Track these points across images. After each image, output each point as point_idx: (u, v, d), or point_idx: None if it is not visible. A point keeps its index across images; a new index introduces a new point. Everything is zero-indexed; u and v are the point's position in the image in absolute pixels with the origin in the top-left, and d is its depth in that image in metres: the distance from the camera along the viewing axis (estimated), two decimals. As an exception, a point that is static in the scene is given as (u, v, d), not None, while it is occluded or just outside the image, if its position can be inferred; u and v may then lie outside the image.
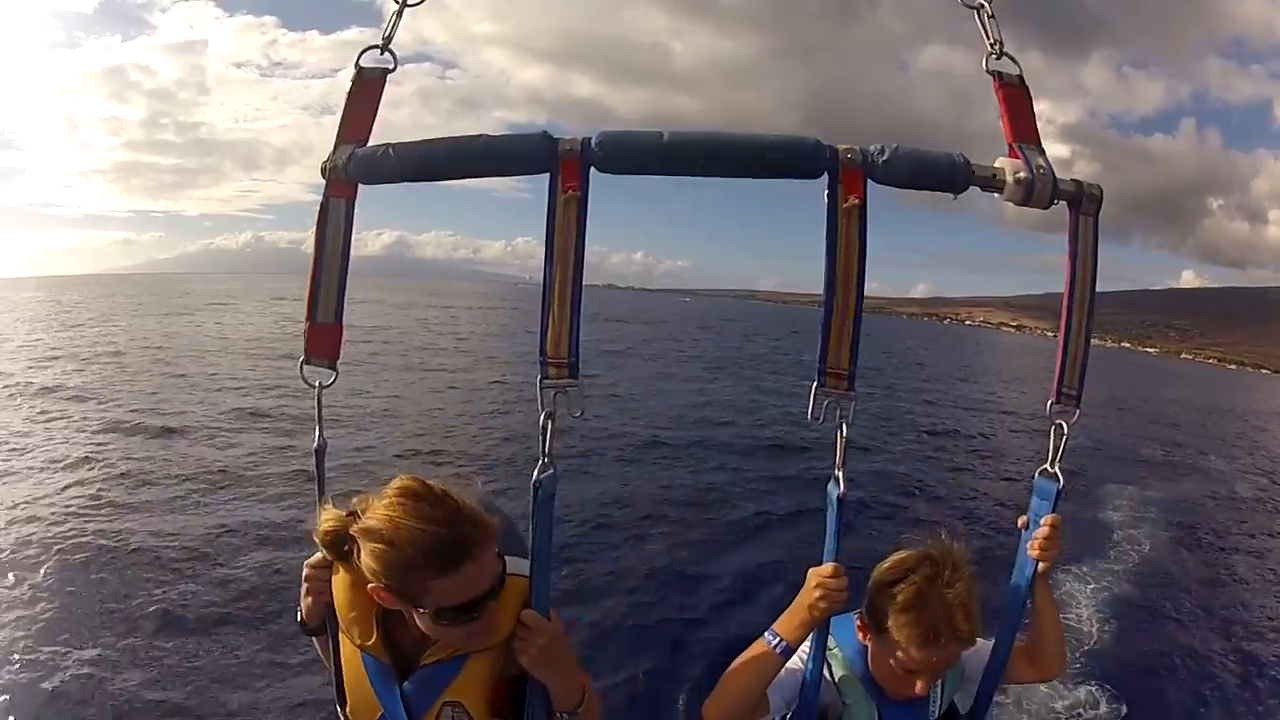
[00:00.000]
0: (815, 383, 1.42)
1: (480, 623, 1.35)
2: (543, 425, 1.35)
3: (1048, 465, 1.53)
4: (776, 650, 1.52)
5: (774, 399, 21.35)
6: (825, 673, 1.65)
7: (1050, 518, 1.55)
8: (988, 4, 1.52)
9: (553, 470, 1.35)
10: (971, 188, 1.45)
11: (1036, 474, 1.56)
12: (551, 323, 1.36)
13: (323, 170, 1.49)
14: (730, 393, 23.03)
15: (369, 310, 51.58)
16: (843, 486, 1.40)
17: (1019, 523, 1.62)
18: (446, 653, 1.41)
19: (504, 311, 69.77)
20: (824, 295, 1.40)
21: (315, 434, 1.52)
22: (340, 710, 1.50)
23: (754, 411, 19.37)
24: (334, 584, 1.45)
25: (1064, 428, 1.49)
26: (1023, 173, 1.42)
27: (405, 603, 1.32)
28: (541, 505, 1.35)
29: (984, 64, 1.51)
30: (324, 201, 1.49)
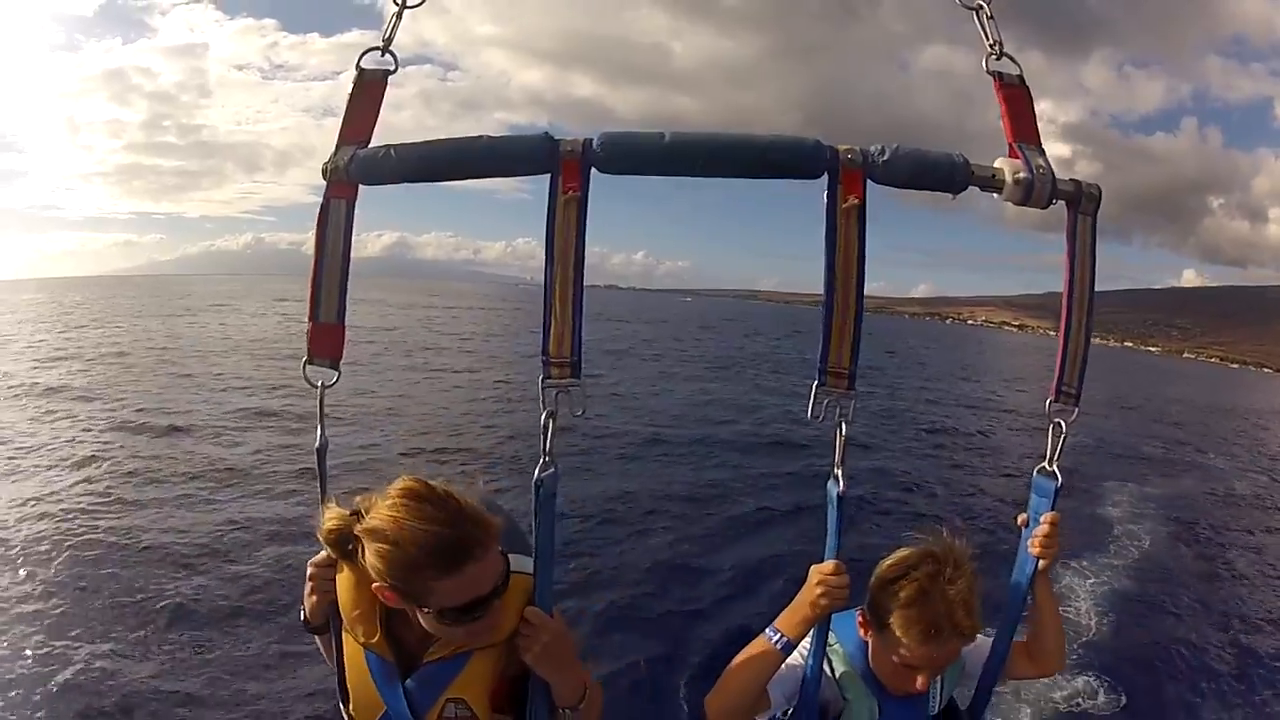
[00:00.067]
0: (816, 381, 1.43)
1: (484, 621, 1.35)
2: (544, 424, 1.35)
3: (1046, 463, 1.53)
4: (777, 646, 1.53)
5: (775, 398, 21.34)
6: (826, 669, 1.66)
7: (1049, 516, 1.55)
8: (987, 4, 1.52)
9: (554, 469, 1.35)
10: (971, 188, 1.45)
11: (1035, 472, 1.57)
12: (553, 322, 1.37)
13: (324, 171, 1.49)
14: (731, 391, 23.02)
15: (371, 311, 51.60)
16: (842, 484, 1.41)
17: (1018, 520, 1.62)
18: (449, 650, 1.42)
19: (505, 312, 69.82)
20: (824, 295, 1.40)
21: (317, 433, 1.52)
22: (343, 708, 1.50)
23: (755, 410, 19.35)
24: (338, 582, 1.45)
25: (1063, 426, 1.49)
26: (1022, 173, 1.42)
27: (409, 602, 1.32)
28: (543, 504, 1.36)
29: (984, 64, 1.51)
30: (325, 202, 1.49)
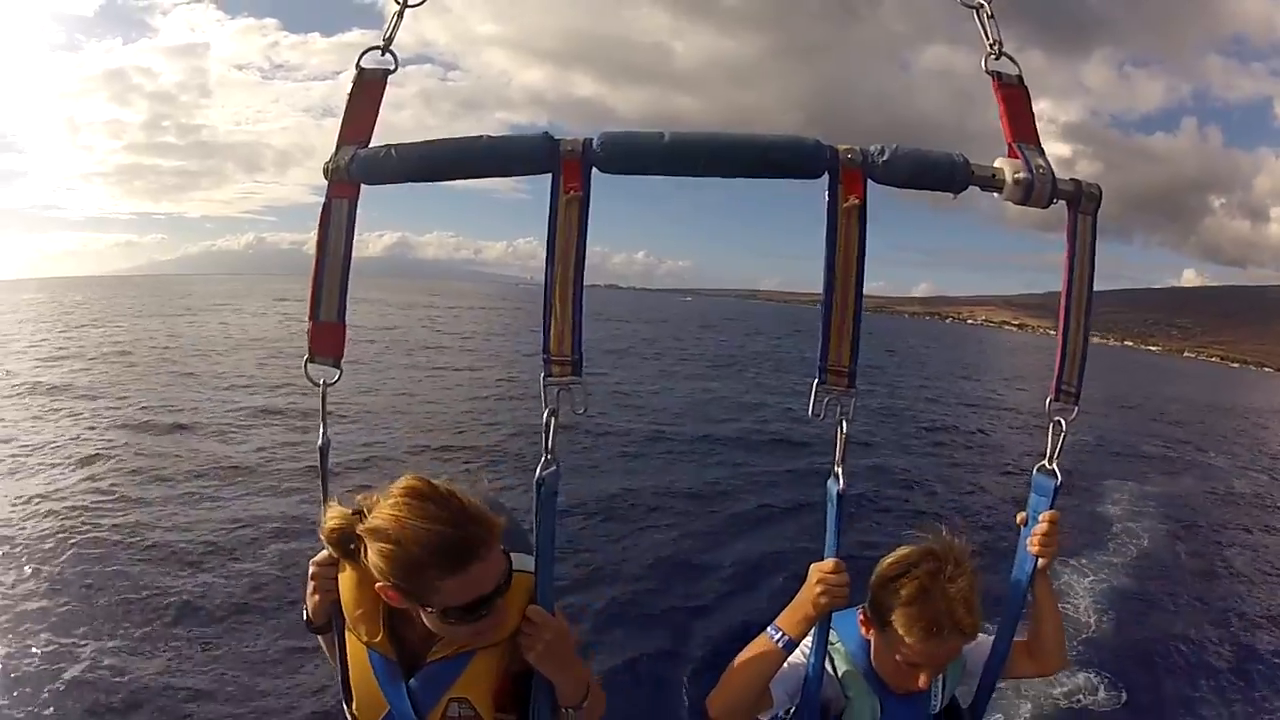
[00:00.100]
0: (816, 380, 1.43)
1: (487, 620, 1.35)
2: (546, 422, 1.35)
3: (1046, 462, 1.53)
4: (779, 645, 1.53)
5: (775, 396, 21.37)
6: (828, 667, 1.66)
7: (1049, 514, 1.56)
8: (987, 4, 1.52)
9: (555, 467, 1.35)
10: (971, 187, 1.45)
11: (1035, 470, 1.57)
12: (554, 321, 1.37)
13: (325, 171, 1.49)
14: (732, 389, 23.08)
15: (372, 310, 51.62)
16: (843, 483, 1.41)
17: (1018, 519, 1.62)
18: (452, 649, 1.42)
19: (506, 311, 69.82)
20: (824, 294, 1.40)
21: (319, 432, 1.52)
22: (346, 707, 1.50)
23: (756, 408, 19.40)
24: (340, 582, 1.45)
25: (1063, 425, 1.50)
26: (1022, 173, 1.42)
27: (413, 601, 1.32)
28: (545, 502, 1.36)
29: (983, 64, 1.51)
30: (326, 202, 1.49)
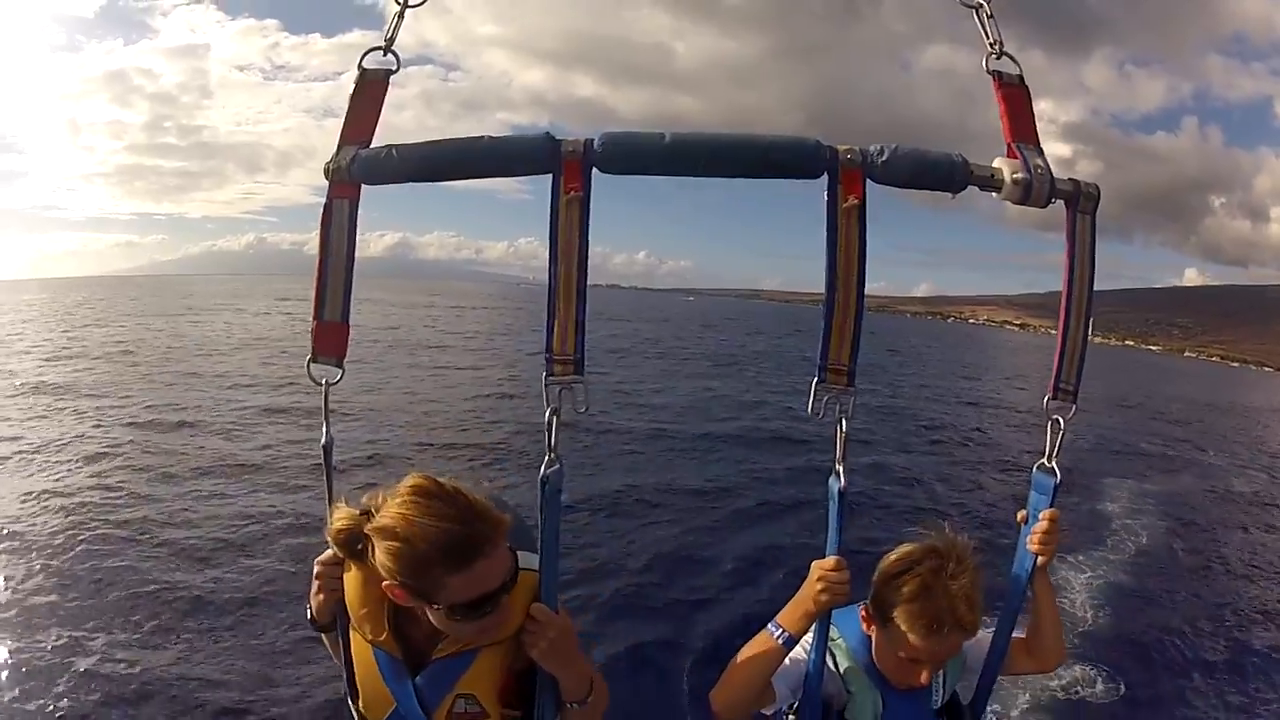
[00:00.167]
0: (816, 378, 1.43)
1: (493, 617, 1.36)
2: (549, 421, 1.36)
3: (1045, 460, 1.54)
4: (780, 641, 1.54)
5: (777, 395, 21.37)
6: (830, 663, 1.67)
7: (1048, 512, 1.56)
8: (986, 3, 1.52)
9: (559, 465, 1.36)
10: (970, 187, 1.45)
11: (1035, 468, 1.58)
12: (557, 321, 1.37)
13: (326, 171, 1.49)
14: (733, 388, 23.08)
15: (374, 310, 51.65)
16: (843, 480, 1.42)
17: (1018, 517, 1.63)
18: (458, 646, 1.43)
19: (508, 311, 69.85)
20: (825, 293, 1.41)
21: (323, 431, 1.53)
22: (352, 705, 1.51)
23: (757, 407, 19.41)
24: (345, 581, 1.46)
25: (1061, 423, 1.50)
26: (1020, 173, 1.42)
27: (420, 599, 1.33)
28: (549, 500, 1.37)
29: (984, 64, 1.51)
30: (328, 202, 1.50)
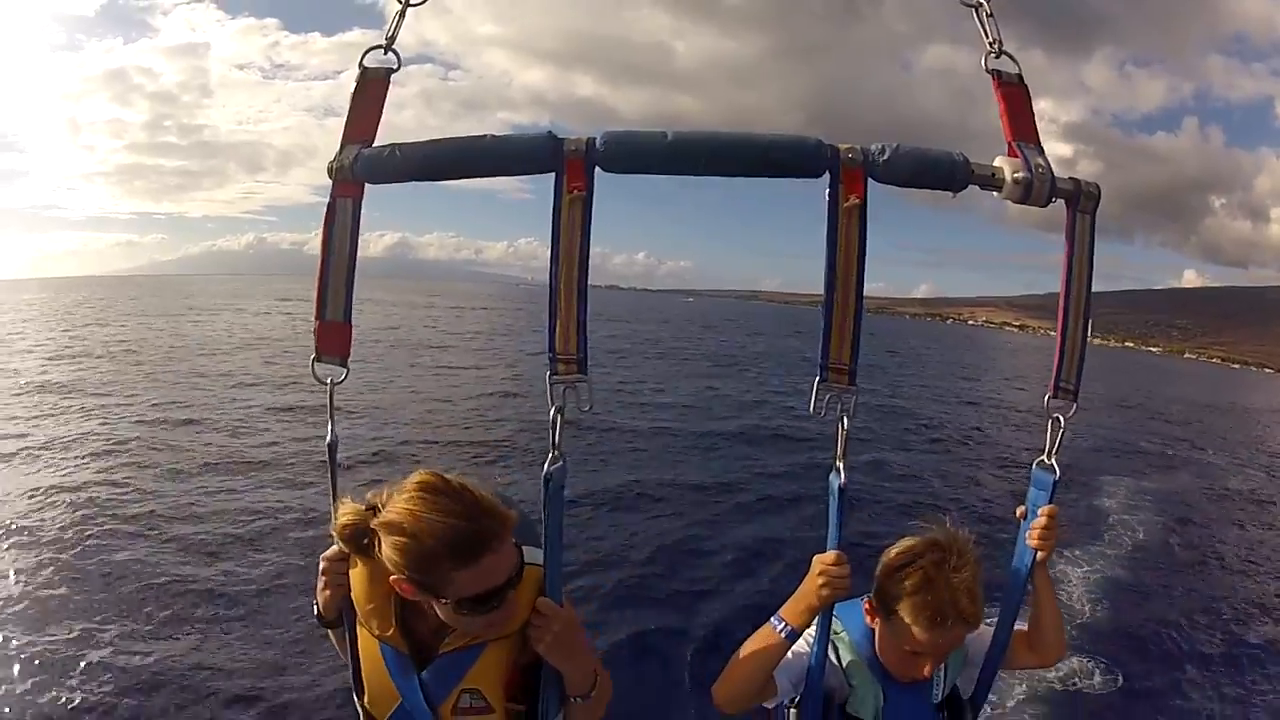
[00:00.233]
0: (818, 377, 1.44)
1: (499, 612, 1.37)
2: (553, 419, 1.37)
3: (1045, 457, 1.55)
4: (782, 635, 1.55)
5: (778, 395, 21.43)
6: (832, 657, 1.68)
7: (1047, 508, 1.57)
8: (986, 3, 1.51)
9: (563, 462, 1.37)
10: (971, 186, 1.45)
11: (1034, 465, 1.58)
12: (559, 320, 1.38)
13: (329, 170, 1.49)
14: (734, 388, 23.16)
15: (375, 310, 51.70)
16: (844, 477, 1.42)
17: (1017, 513, 1.64)
18: (464, 641, 1.44)
19: (509, 312, 69.94)
20: (825, 293, 1.41)
21: (328, 429, 1.53)
22: (358, 700, 1.51)
23: (757, 406, 19.49)
24: (351, 577, 1.47)
25: (1061, 421, 1.51)
26: (1021, 172, 1.42)
27: (427, 594, 1.34)
28: (553, 497, 1.37)
29: (983, 63, 1.51)
30: (331, 202, 1.50)
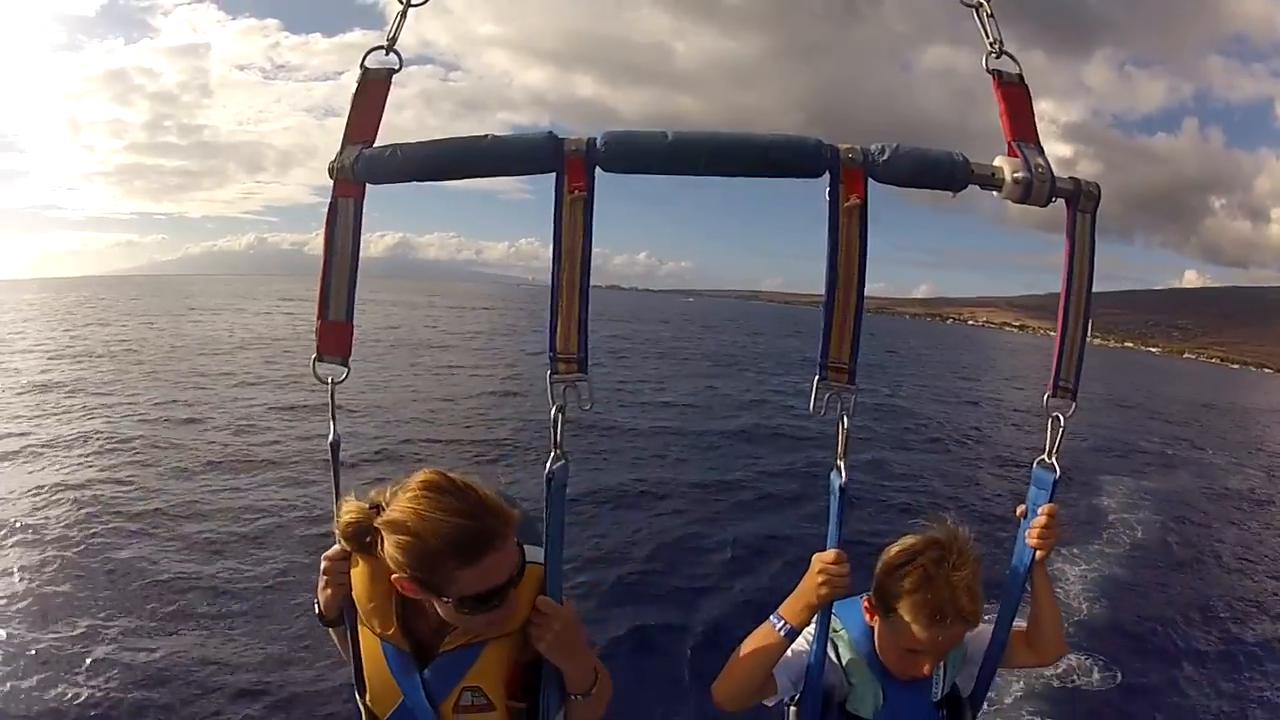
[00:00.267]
0: (817, 376, 1.44)
1: (501, 611, 1.38)
2: (554, 418, 1.37)
3: (1045, 456, 1.55)
4: (781, 633, 1.55)
5: (779, 395, 21.47)
6: (832, 654, 1.68)
7: (1047, 507, 1.57)
8: (987, 3, 1.52)
9: (564, 461, 1.37)
10: (971, 186, 1.46)
11: (1034, 464, 1.58)
12: (560, 319, 1.38)
13: (331, 171, 1.49)
14: (734, 388, 23.23)
15: (376, 310, 51.74)
16: (844, 476, 1.42)
17: (1017, 511, 1.64)
18: (465, 639, 1.44)
19: (509, 312, 70.01)
20: (825, 292, 1.41)
21: (330, 429, 1.54)
22: (360, 699, 1.52)
23: (758, 405, 19.53)
24: (353, 575, 1.47)
25: (1060, 420, 1.51)
26: (1021, 171, 1.42)
27: (429, 593, 1.34)
28: (554, 495, 1.38)
29: (984, 63, 1.51)
30: (332, 202, 1.50)
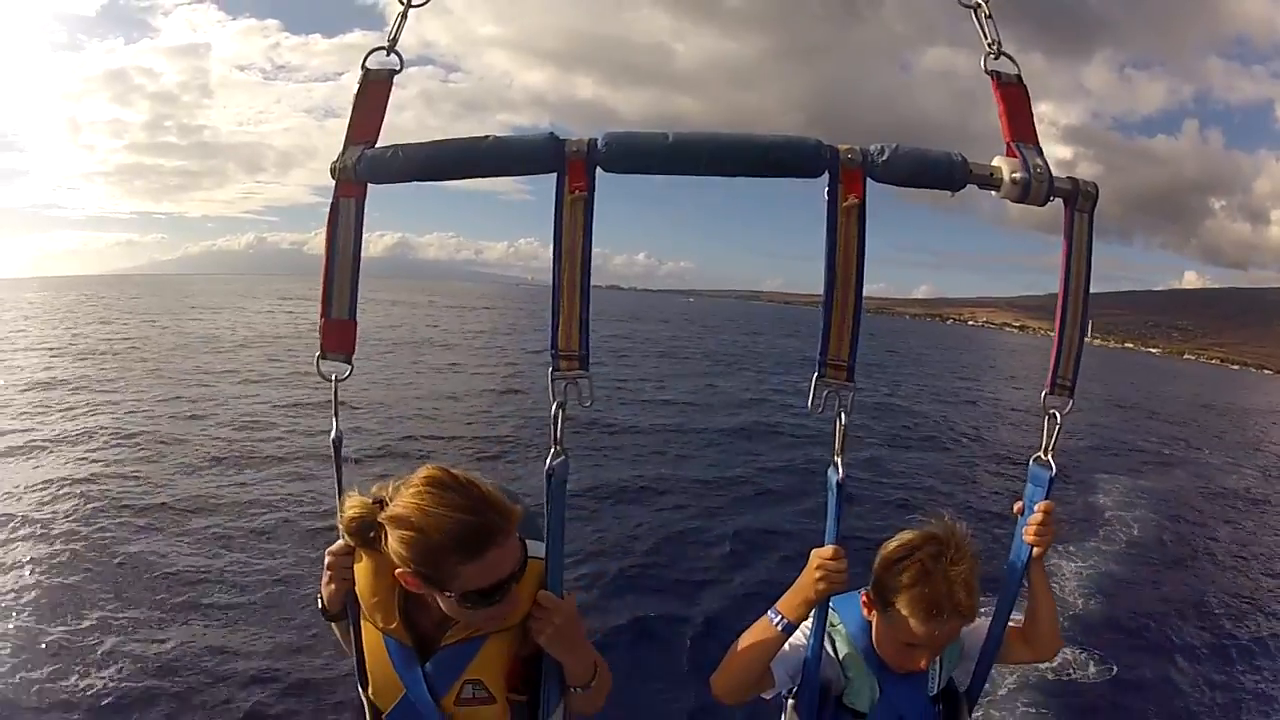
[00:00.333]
0: (816, 373, 1.45)
1: (502, 605, 1.39)
2: (554, 415, 1.38)
3: (1042, 453, 1.56)
4: (778, 628, 1.57)
5: (779, 394, 21.45)
6: (829, 648, 1.70)
7: (1044, 504, 1.58)
8: (985, 4, 1.52)
9: (564, 457, 1.38)
10: (970, 186, 1.47)
11: (1031, 461, 1.59)
12: (562, 317, 1.39)
13: (333, 171, 1.50)
14: (734, 386, 23.25)
15: (376, 310, 51.77)
16: (842, 472, 1.44)
17: (1015, 508, 1.65)
18: (467, 633, 1.46)
19: (509, 312, 70.06)
20: (824, 291, 1.42)
21: (333, 426, 1.56)
22: (362, 691, 1.54)
23: (758, 404, 19.55)
24: (356, 571, 1.49)
25: (1057, 417, 1.52)
26: (1019, 171, 1.43)
27: (432, 587, 1.36)
28: (555, 491, 1.39)
29: (982, 63, 1.52)
30: (334, 202, 1.51)
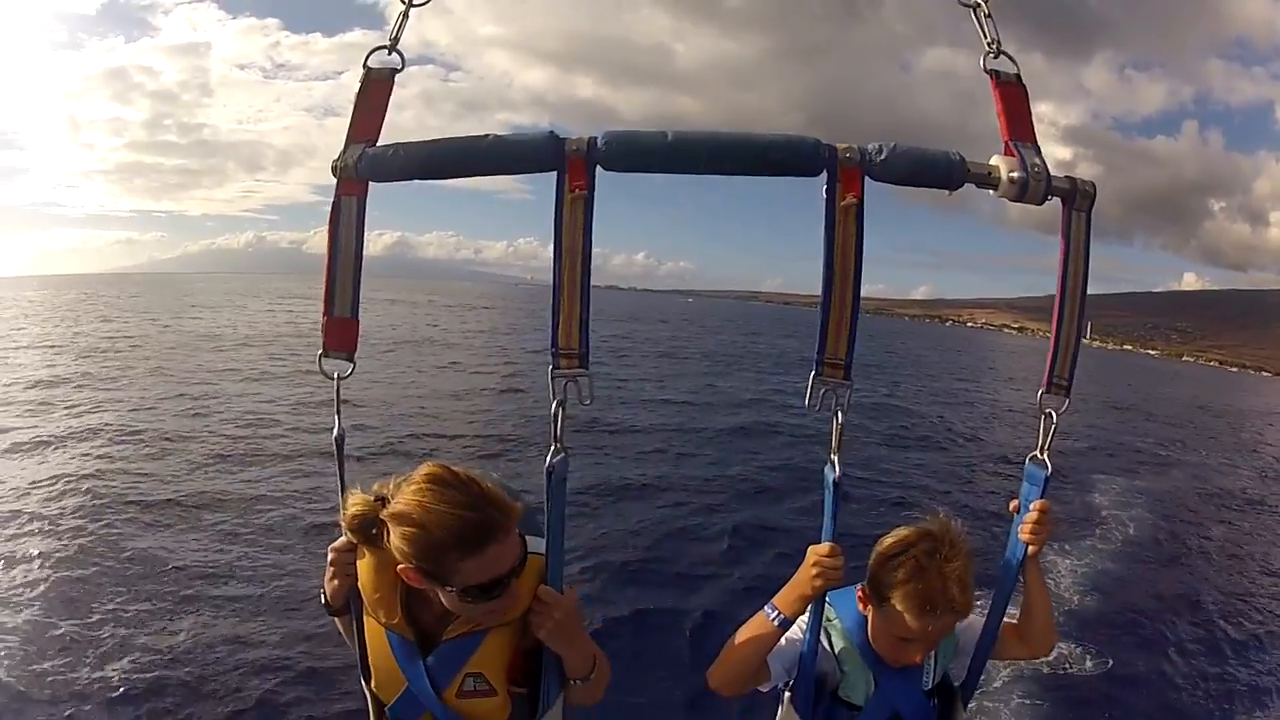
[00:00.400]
0: (813, 372, 1.46)
1: (502, 600, 1.41)
2: (554, 413, 1.39)
3: (1038, 452, 1.57)
4: (775, 623, 1.58)
5: (779, 394, 21.51)
6: (825, 643, 1.71)
7: (1039, 503, 1.59)
8: (984, 3, 1.53)
9: (564, 455, 1.39)
10: (969, 186, 1.47)
11: (1027, 460, 1.60)
12: (562, 316, 1.40)
13: (334, 169, 1.51)
14: (733, 386, 23.38)
15: (376, 310, 51.82)
16: (838, 470, 1.45)
17: (1010, 507, 1.66)
18: (468, 627, 1.48)
19: (509, 311, 70.22)
20: (822, 290, 1.43)
21: (335, 423, 1.57)
22: (365, 685, 1.56)
23: (757, 403, 19.64)
24: (358, 566, 1.51)
25: (1054, 416, 1.52)
26: (1017, 170, 1.43)
27: (433, 583, 1.37)
28: (555, 488, 1.40)
29: (982, 63, 1.52)
30: (336, 200, 1.52)
